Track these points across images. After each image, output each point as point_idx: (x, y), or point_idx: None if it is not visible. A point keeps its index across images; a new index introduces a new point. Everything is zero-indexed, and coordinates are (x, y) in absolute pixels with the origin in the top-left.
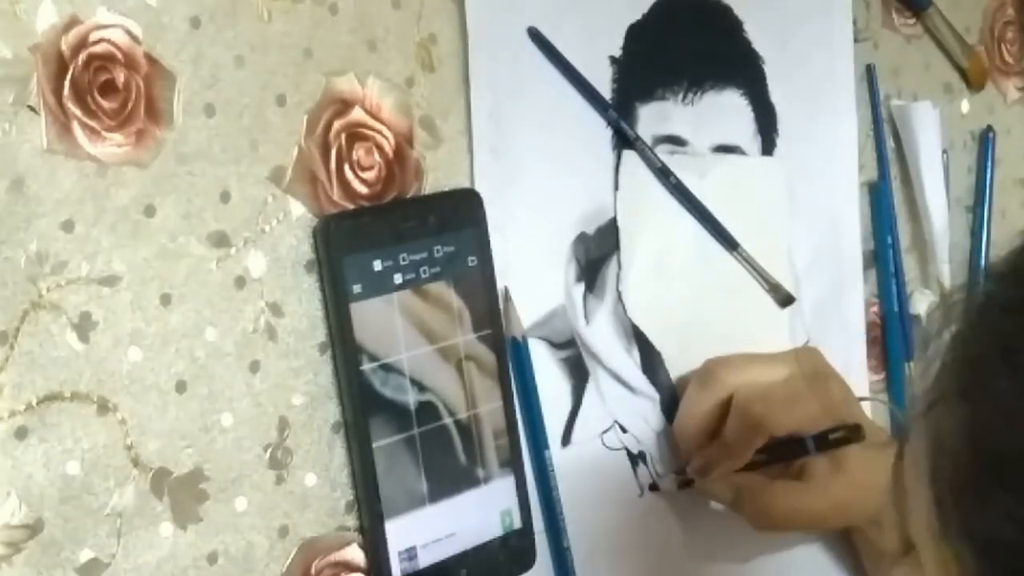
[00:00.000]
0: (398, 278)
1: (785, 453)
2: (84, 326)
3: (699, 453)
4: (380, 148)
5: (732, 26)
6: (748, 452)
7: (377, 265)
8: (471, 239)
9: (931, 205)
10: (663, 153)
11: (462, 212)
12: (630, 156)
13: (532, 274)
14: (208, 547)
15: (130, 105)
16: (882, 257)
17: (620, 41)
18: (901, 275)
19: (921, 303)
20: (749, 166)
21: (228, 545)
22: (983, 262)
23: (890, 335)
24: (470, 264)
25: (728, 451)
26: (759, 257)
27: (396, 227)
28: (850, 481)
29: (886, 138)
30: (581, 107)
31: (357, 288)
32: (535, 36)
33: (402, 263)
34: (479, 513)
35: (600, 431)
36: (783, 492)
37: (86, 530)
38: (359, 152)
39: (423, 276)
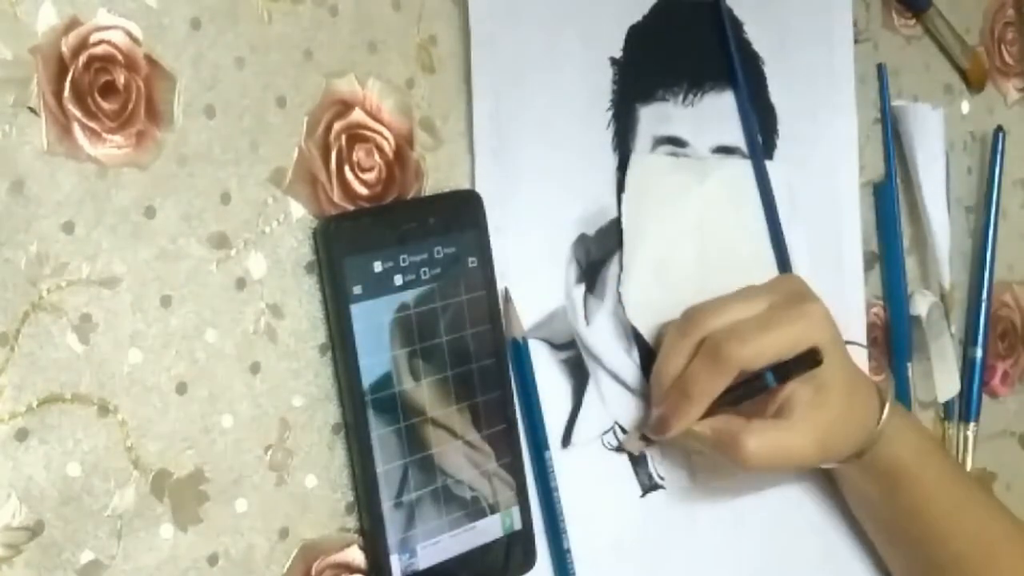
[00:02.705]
0: (398, 279)
1: (750, 391)
2: (84, 328)
3: (665, 398)
4: (380, 149)
5: (732, 27)
6: (715, 391)
7: (377, 266)
8: (471, 240)
9: (932, 206)
10: (664, 154)
11: (462, 213)
12: (639, 159)
13: (532, 275)
14: (208, 549)
15: (130, 107)
16: (892, 258)
17: (620, 42)
18: (903, 276)
19: (922, 304)
20: (749, 170)
21: (228, 547)
22: (988, 260)
23: (896, 336)
24: (470, 265)
25: (694, 392)
26: (758, 259)
27: (396, 228)
28: (830, 414)
29: (891, 139)
30: (582, 109)
31: (357, 289)
32: None
33: (402, 264)
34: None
35: (600, 432)
36: (761, 428)
37: (86, 532)
38: (359, 153)
39: (423, 277)
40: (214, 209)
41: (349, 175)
